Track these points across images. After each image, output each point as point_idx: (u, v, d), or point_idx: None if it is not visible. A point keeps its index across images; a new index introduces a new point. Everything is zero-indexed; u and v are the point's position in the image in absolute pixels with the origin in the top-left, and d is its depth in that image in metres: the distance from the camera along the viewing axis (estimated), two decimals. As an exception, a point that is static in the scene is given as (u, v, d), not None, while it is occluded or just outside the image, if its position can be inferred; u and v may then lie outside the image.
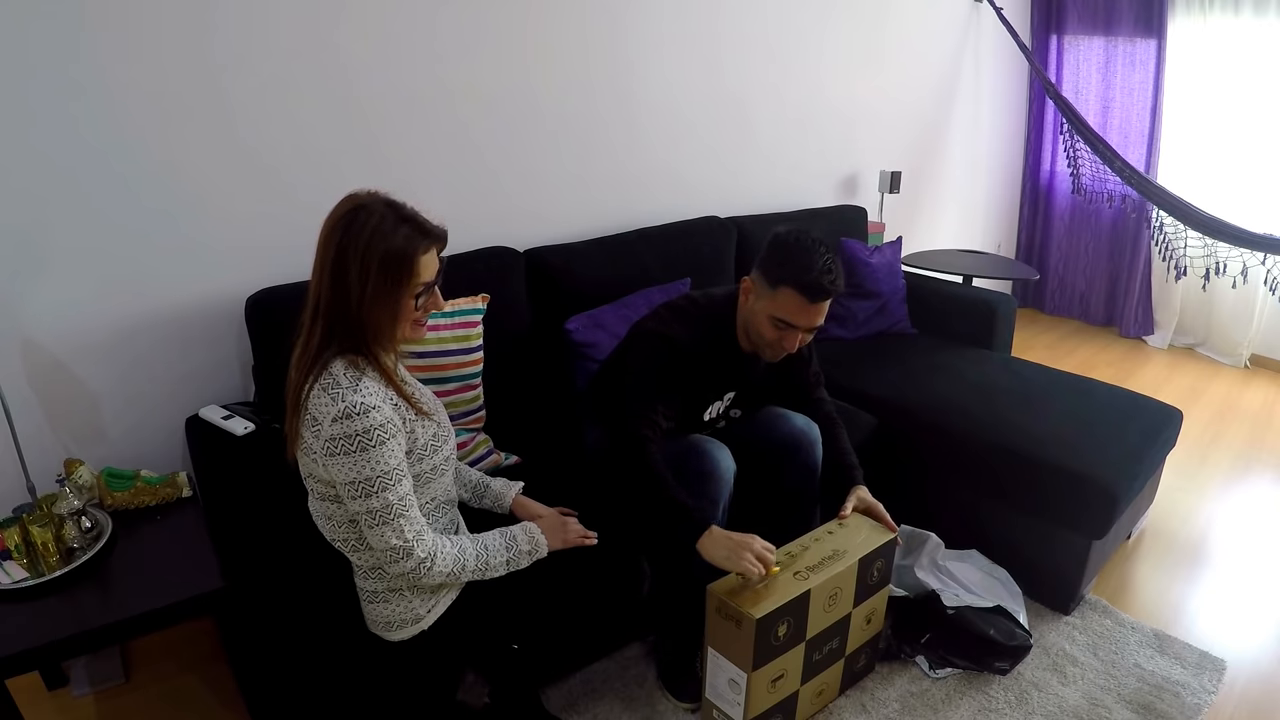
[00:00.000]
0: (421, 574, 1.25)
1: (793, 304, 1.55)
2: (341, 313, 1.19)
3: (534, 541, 1.40)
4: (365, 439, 1.17)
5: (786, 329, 1.58)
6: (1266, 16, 3.41)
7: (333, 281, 1.18)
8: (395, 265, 1.19)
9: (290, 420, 1.23)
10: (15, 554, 1.40)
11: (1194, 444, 2.96)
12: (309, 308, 1.22)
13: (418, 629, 1.33)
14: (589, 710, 1.72)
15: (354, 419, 1.16)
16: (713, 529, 1.49)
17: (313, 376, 1.19)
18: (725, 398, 1.80)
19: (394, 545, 1.21)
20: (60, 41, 1.55)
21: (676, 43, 2.56)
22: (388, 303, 1.20)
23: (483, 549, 1.34)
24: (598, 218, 2.50)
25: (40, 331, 1.67)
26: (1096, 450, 2.00)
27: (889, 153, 3.49)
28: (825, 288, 1.53)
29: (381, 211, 1.19)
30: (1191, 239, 3.69)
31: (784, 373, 1.85)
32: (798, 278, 1.53)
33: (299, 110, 1.87)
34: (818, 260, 1.53)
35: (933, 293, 2.94)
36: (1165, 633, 1.99)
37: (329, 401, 1.17)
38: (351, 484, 1.18)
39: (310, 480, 1.28)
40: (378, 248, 1.17)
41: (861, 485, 1.76)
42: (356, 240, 1.17)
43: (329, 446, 1.17)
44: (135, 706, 1.73)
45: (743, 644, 1.46)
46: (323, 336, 1.20)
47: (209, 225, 1.82)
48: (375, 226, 1.17)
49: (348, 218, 1.19)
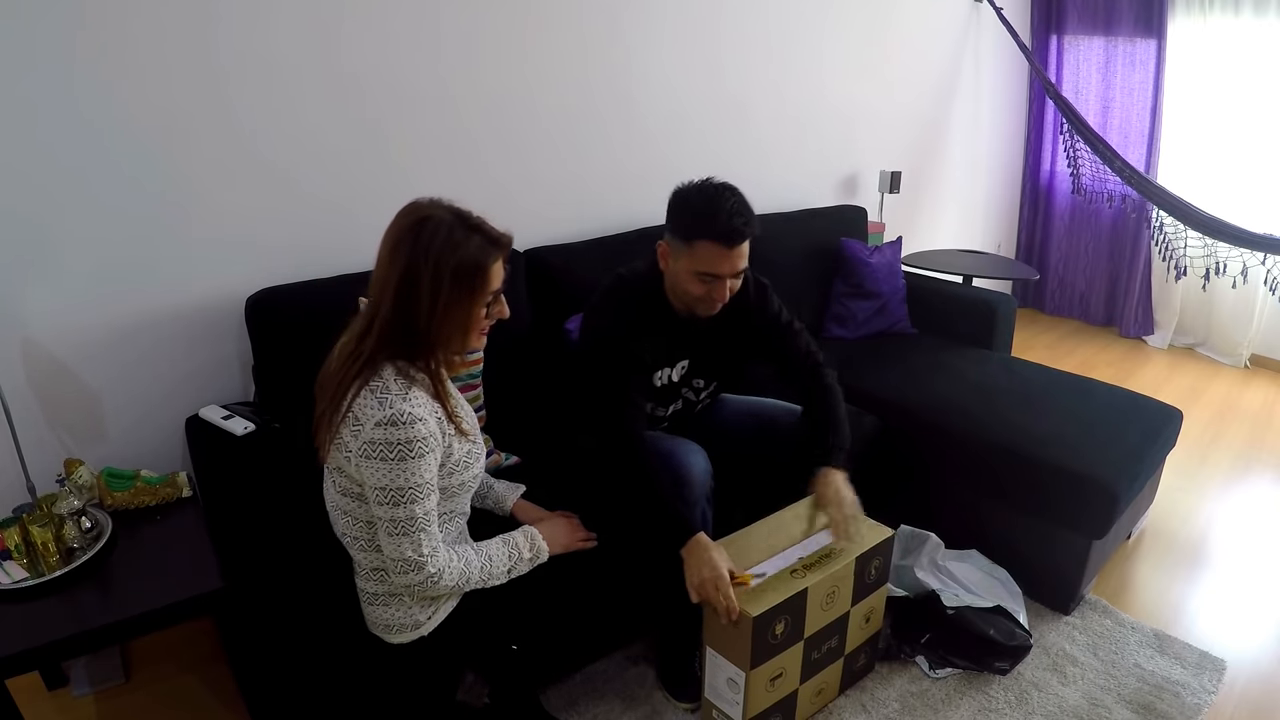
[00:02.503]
0: (427, 587, 1.25)
1: (711, 254, 1.52)
2: (407, 323, 1.18)
3: (535, 547, 1.40)
4: (406, 449, 1.16)
5: (712, 280, 1.55)
6: (1266, 16, 3.41)
7: (400, 293, 1.16)
8: (469, 276, 1.18)
9: (326, 413, 1.21)
10: (15, 554, 1.40)
11: (1194, 444, 2.96)
12: (366, 312, 1.21)
13: (418, 634, 1.33)
14: (589, 710, 1.72)
15: (399, 427, 1.15)
16: (699, 539, 1.48)
17: (361, 379, 1.18)
18: (679, 365, 1.76)
19: (408, 557, 1.21)
20: (62, 41, 1.55)
21: (676, 42, 2.56)
22: (459, 313, 1.20)
23: (486, 559, 1.33)
24: (598, 218, 2.50)
25: (40, 331, 1.67)
26: (1096, 450, 2.00)
27: (889, 153, 3.49)
28: (739, 229, 1.50)
29: (450, 221, 1.19)
30: (1191, 239, 3.69)
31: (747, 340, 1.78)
32: (709, 227, 1.51)
33: (300, 110, 1.87)
34: (724, 204, 1.50)
35: (933, 293, 2.94)
36: (1165, 633, 1.99)
37: (375, 405, 1.16)
38: (382, 489, 1.18)
39: (337, 474, 1.26)
40: (450, 259, 1.16)
41: (834, 470, 1.63)
42: (427, 251, 1.16)
43: (367, 449, 1.16)
44: (135, 706, 1.73)
45: (740, 643, 1.46)
46: (378, 341, 1.19)
47: (209, 225, 1.82)
48: (445, 237, 1.17)
49: (415, 228, 1.17)
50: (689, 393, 1.82)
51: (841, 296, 2.80)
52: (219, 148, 1.78)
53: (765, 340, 1.78)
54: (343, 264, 1.97)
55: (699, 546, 1.47)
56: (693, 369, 1.78)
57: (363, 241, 2.01)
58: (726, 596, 1.42)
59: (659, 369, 1.73)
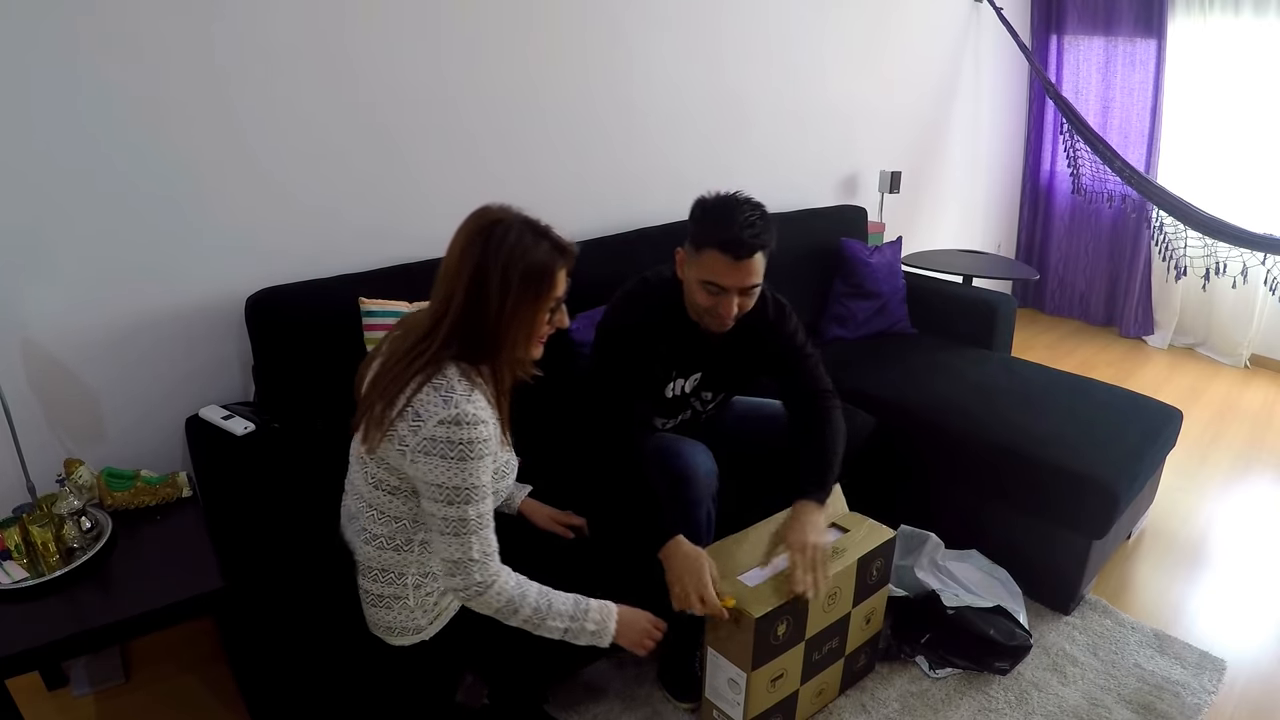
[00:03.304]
0: (471, 596, 1.23)
1: (718, 265, 1.49)
2: (474, 323, 1.19)
3: (603, 624, 1.31)
4: (467, 449, 1.16)
5: (719, 293, 1.52)
6: (1266, 16, 3.41)
7: (469, 292, 1.18)
8: (536, 278, 1.20)
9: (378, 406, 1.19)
10: (15, 554, 1.40)
11: (1194, 444, 2.96)
12: (431, 312, 1.22)
13: (419, 638, 1.33)
14: (589, 710, 1.72)
15: (463, 427, 1.16)
16: (677, 542, 1.45)
17: (424, 375, 1.18)
18: (691, 378, 1.74)
19: (457, 559, 1.20)
20: (62, 41, 1.55)
21: (676, 42, 2.56)
22: (525, 315, 1.21)
23: (546, 604, 1.27)
24: (598, 218, 2.50)
25: (40, 331, 1.67)
26: (1096, 450, 2.00)
27: (889, 153, 3.49)
28: (747, 243, 1.46)
29: (520, 226, 1.21)
30: (1191, 239, 3.69)
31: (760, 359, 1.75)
32: (718, 236, 1.47)
33: (301, 111, 1.87)
34: (738, 216, 1.47)
35: (933, 293, 2.94)
36: (1165, 633, 1.99)
37: (440, 402, 1.16)
38: (438, 487, 1.17)
39: (378, 467, 1.25)
40: (519, 261, 1.18)
41: (811, 506, 1.55)
42: (498, 253, 1.18)
43: (426, 445, 1.16)
44: (135, 706, 1.73)
45: (742, 643, 1.46)
46: (444, 341, 1.19)
47: (209, 225, 1.82)
48: (516, 240, 1.19)
49: (487, 230, 1.19)
50: (696, 403, 1.81)
51: (841, 296, 2.80)
52: (219, 147, 1.78)
53: (776, 361, 1.74)
54: (343, 264, 1.97)
55: (677, 550, 1.44)
56: (704, 382, 1.77)
57: (363, 242, 2.04)
58: (707, 601, 1.40)
59: (671, 379, 1.71)
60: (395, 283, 1.90)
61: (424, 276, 1.99)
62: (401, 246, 2.07)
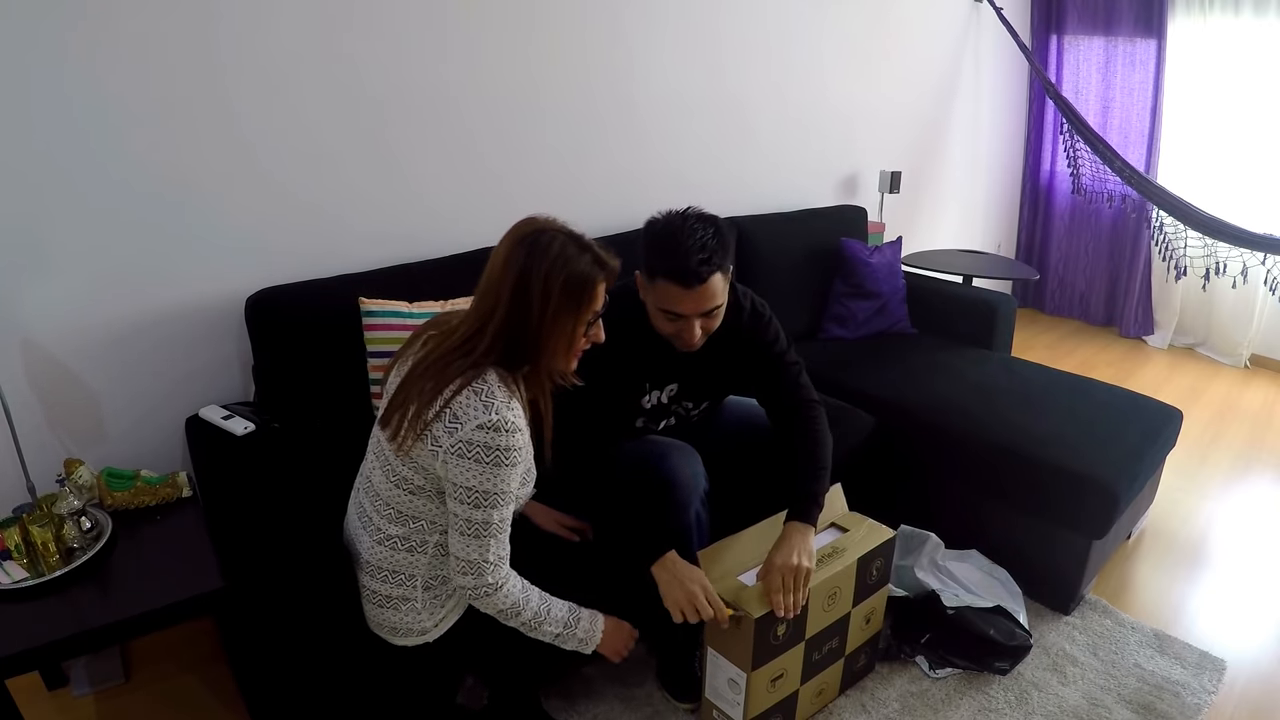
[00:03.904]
0: (480, 596, 1.25)
1: (672, 294, 1.45)
2: (516, 330, 1.20)
3: (590, 634, 1.37)
4: (502, 456, 1.18)
5: (678, 319, 1.48)
6: (1266, 16, 3.41)
7: (512, 298, 1.19)
8: (578, 289, 1.21)
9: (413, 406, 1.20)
10: (15, 554, 1.40)
11: (1194, 444, 2.96)
12: (473, 318, 1.23)
13: (423, 640, 1.33)
14: (589, 710, 1.72)
15: (501, 434, 1.17)
16: (668, 558, 1.44)
17: (464, 378, 1.19)
18: (667, 389, 1.71)
19: (473, 559, 1.22)
20: (63, 39, 1.55)
21: (677, 43, 2.56)
22: (565, 325, 1.22)
23: (545, 610, 1.31)
24: (598, 218, 2.50)
25: (40, 331, 1.67)
26: (1096, 450, 2.00)
27: (889, 153, 3.49)
28: (696, 271, 1.40)
29: (563, 238, 1.23)
30: (1191, 239, 3.69)
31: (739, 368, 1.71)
32: (667, 266, 1.43)
33: (301, 111, 1.87)
34: (685, 242, 1.41)
35: (933, 293, 2.94)
36: (1165, 633, 1.99)
37: (480, 407, 1.17)
38: (467, 489, 1.18)
39: (406, 467, 1.24)
40: (561, 270, 1.20)
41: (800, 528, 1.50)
42: (541, 261, 1.19)
43: (462, 448, 1.17)
44: (135, 706, 1.73)
45: (742, 643, 1.46)
46: (489, 347, 1.20)
47: (209, 225, 1.82)
48: (559, 251, 1.21)
49: (531, 238, 1.22)
50: (680, 409, 1.79)
51: (841, 296, 2.80)
52: (219, 147, 1.78)
53: (756, 370, 1.70)
54: (342, 264, 1.97)
55: (668, 566, 1.44)
56: (682, 392, 1.74)
57: (362, 242, 2.04)
58: (710, 606, 1.41)
59: (645, 391, 1.69)
60: (395, 283, 1.90)
61: (424, 276, 2.01)
62: (401, 246, 2.07)
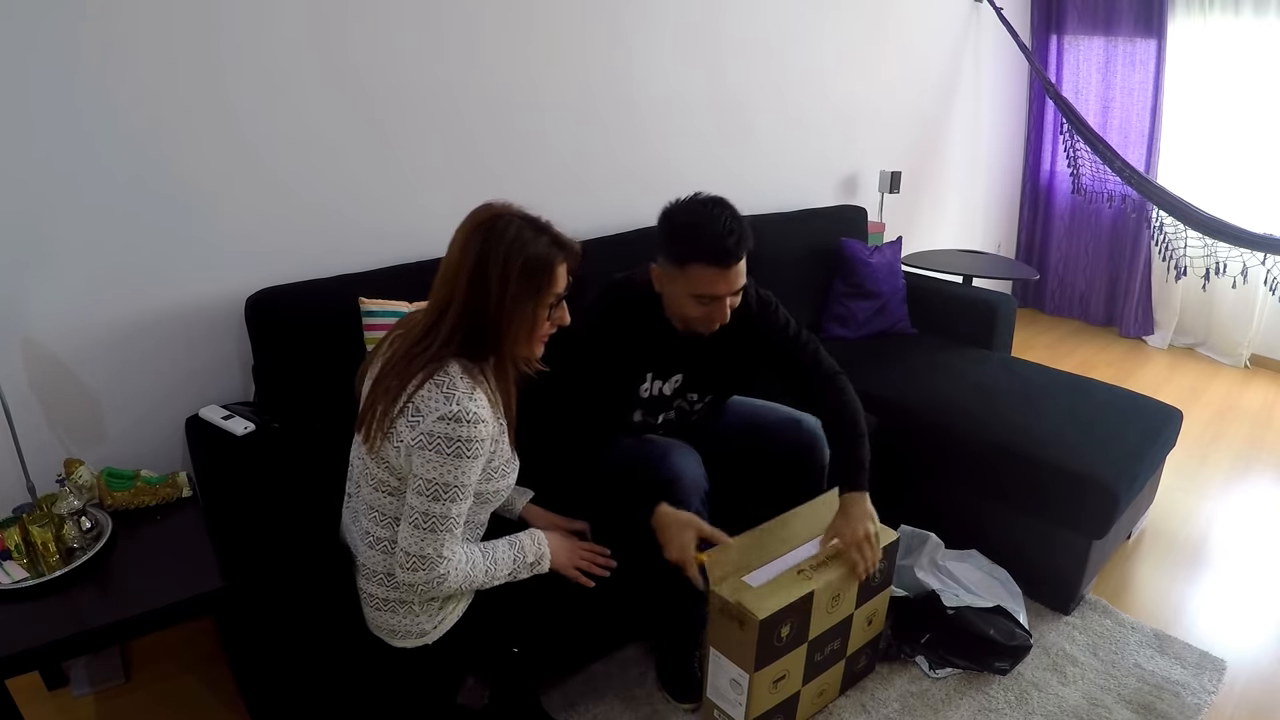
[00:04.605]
0: (431, 588, 1.25)
1: (706, 277, 1.47)
2: (476, 319, 1.19)
3: (539, 554, 1.38)
4: (463, 447, 1.17)
5: (711, 302, 1.51)
6: (1266, 16, 3.41)
7: (470, 286, 1.19)
8: (536, 272, 1.21)
9: (380, 404, 1.20)
10: (15, 554, 1.40)
11: (1194, 444, 2.96)
12: (432, 308, 1.23)
13: (422, 642, 1.33)
14: (589, 710, 1.72)
15: (462, 424, 1.16)
16: (660, 508, 1.51)
17: (426, 372, 1.19)
18: (671, 380, 1.72)
19: (426, 554, 1.21)
20: (63, 38, 1.54)
21: (677, 42, 2.56)
22: (525, 311, 1.22)
23: (492, 563, 1.32)
24: (598, 217, 2.50)
25: (40, 331, 1.66)
26: (1096, 450, 2.00)
27: (889, 153, 3.49)
28: (731, 250, 1.45)
29: (519, 222, 1.22)
30: (1191, 239, 3.69)
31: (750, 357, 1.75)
32: (701, 251, 1.46)
33: (301, 111, 1.87)
34: (714, 226, 1.45)
35: (933, 293, 2.94)
36: (1165, 633, 1.99)
37: (441, 399, 1.17)
38: (427, 481, 1.18)
39: (379, 468, 1.25)
40: (519, 254, 1.19)
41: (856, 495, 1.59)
42: (498, 246, 1.19)
43: (423, 440, 1.16)
44: (135, 706, 1.73)
45: (745, 645, 1.46)
46: (447, 337, 1.20)
47: (209, 225, 1.81)
48: (516, 234, 1.20)
49: (488, 224, 1.21)
50: (683, 404, 1.79)
51: (841, 296, 2.80)
52: (219, 147, 1.78)
53: (774, 355, 1.73)
54: (342, 264, 1.97)
55: (662, 515, 1.50)
56: (687, 383, 1.75)
57: (363, 242, 2.04)
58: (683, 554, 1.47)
59: (647, 380, 1.70)
60: (395, 283, 1.90)
61: (424, 276, 1.99)
62: (401, 246, 2.07)
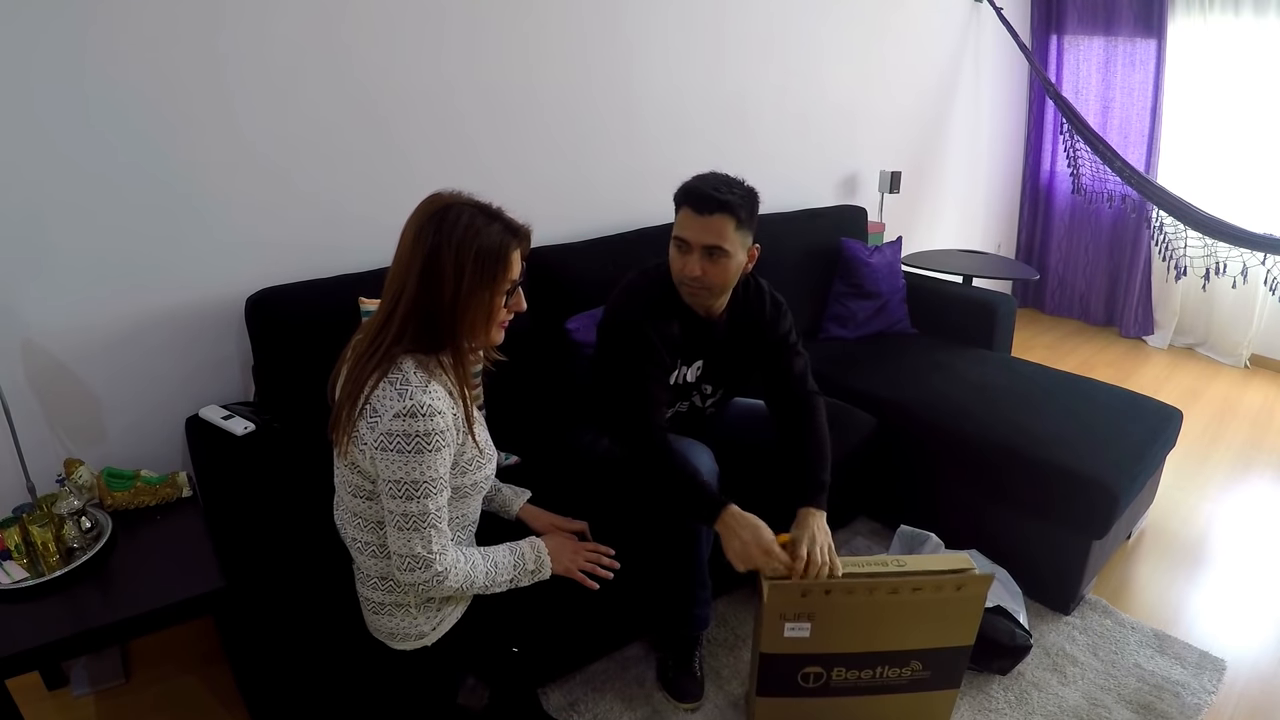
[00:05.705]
0: (431, 587, 1.24)
1: (684, 219, 1.58)
2: (429, 311, 1.18)
3: (539, 561, 1.38)
4: (423, 441, 1.16)
5: (684, 249, 1.58)
6: (1266, 16, 3.41)
7: (423, 279, 1.17)
8: (490, 261, 1.20)
9: (343, 408, 1.20)
10: (15, 554, 1.40)
11: (1194, 444, 2.96)
12: (384, 306, 1.22)
13: (421, 643, 1.33)
14: (589, 710, 1.72)
15: (418, 419, 1.15)
16: (730, 510, 1.49)
17: (380, 371, 1.18)
18: (694, 365, 1.76)
19: (417, 554, 1.20)
20: (63, 40, 1.54)
21: (677, 42, 2.56)
22: (481, 300, 1.21)
23: (492, 566, 1.31)
24: (598, 217, 2.50)
25: (40, 331, 1.67)
26: (1096, 450, 2.00)
27: (889, 153, 3.49)
28: (709, 195, 1.53)
29: (471, 210, 1.21)
30: (1191, 239, 3.69)
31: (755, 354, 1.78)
32: (686, 193, 1.58)
33: (301, 110, 1.87)
34: (710, 178, 1.57)
35: (933, 293, 2.94)
36: (1165, 633, 1.99)
37: (395, 397, 1.16)
38: (396, 483, 1.17)
39: (350, 472, 1.25)
40: (472, 244, 1.18)
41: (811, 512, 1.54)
42: (450, 237, 1.17)
43: (383, 441, 1.16)
44: (135, 706, 1.73)
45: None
46: (398, 333, 1.19)
47: (209, 225, 1.81)
48: (467, 224, 1.18)
49: (439, 215, 1.19)
50: (697, 397, 1.82)
51: (841, 296, 2.80)
52: (220, 147, 1.78)
53: (769, 357, 1.77)
54: (342, 264, 1.97)
55: (731, 517, 1.49)
56: (706, 372, 1.79)
57: (363, 241, 2.03)
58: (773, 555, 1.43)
59: (675, 365, 1.73)
60: (395, 283, 1.90)
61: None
62: (401, 246, 2.07)
